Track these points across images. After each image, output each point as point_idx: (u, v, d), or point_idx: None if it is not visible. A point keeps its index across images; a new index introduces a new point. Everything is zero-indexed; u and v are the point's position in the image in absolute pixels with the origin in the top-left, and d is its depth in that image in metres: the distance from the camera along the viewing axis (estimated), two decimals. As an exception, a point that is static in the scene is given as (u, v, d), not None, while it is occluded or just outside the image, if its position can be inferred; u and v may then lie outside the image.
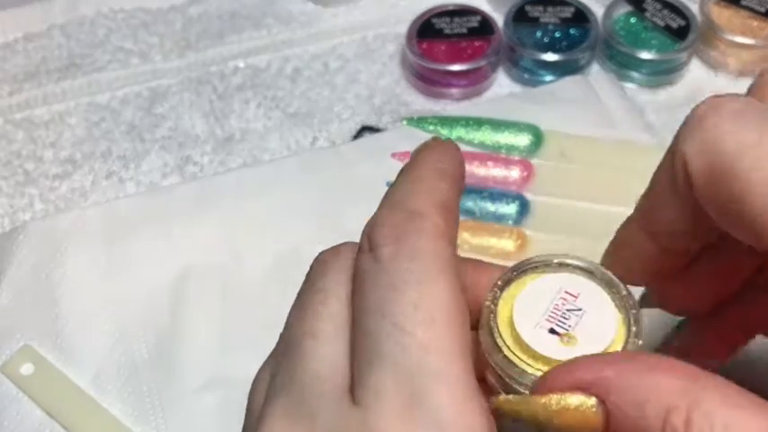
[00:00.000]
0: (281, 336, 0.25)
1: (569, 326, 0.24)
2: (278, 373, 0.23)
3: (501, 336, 0.24)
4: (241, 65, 0.55)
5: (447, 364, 0.21)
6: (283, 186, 0.46)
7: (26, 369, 0.40)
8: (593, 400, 0.20)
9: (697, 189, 0.22)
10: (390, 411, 0.20)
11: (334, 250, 0.25)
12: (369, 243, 0.23)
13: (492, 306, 0.24)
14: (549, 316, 0.24)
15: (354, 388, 0.21)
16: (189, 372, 0.40)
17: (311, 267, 0.25)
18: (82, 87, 0.54)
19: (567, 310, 0.24)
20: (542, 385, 0.22)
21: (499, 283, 0.25)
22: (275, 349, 0.25)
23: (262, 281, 0.43)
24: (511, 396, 0.22)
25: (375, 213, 0.24)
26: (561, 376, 0.21)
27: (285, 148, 0.51)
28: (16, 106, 0.54)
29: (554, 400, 0.21)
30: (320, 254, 0.25)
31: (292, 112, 0.53)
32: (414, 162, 0.26)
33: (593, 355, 0.22)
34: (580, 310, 0.24)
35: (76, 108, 0.53)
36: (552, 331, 0.24)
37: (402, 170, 0.26)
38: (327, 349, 0.22)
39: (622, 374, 0.20)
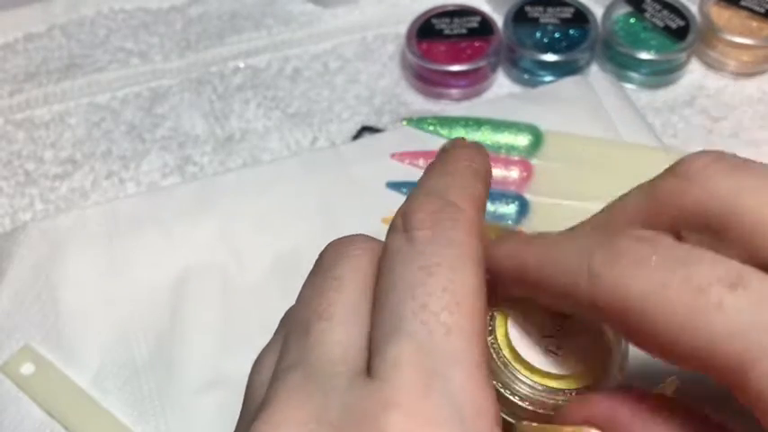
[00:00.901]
0: (290, 320, 0.25)
1: (562, 343, 0.25)
2: (287, 352, 0.23)
3: (502, 353, 0.24)
4: (241, 65, 0.56)
5: (467, 348, 0.21)
6: (283, 186, 0.46)
7: (26, 369, 0.40)
8: None
9: (607, 321, 0.22)
10: (408, 385, 0.20)
11: (349, 239, 0.26)
12: (404, 224, 0.24)
13: (489, 326, 0.25)
14: (544, 334, 0.25)
15: (371, 360, 0.22)
16: (189, 372, 0.40)
17: (323, 255, 0.26)
18: (82, 88, 0.54)
19: (559, 329, 0.25)
20: (560, 417, 0.23)
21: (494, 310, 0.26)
22: (278, 334, 0.25)
23: (262, 281, 0.43)
24: (534, 424, 0.23)
25: (410, 198, 0.25)
26: (577, 411, 0.22)
27: (285, 148, 0.51)
28: (17, 106, 0.54)
29: (571, 430, 0.22)
30: (332, 242, 0.26)
31: (292, 113, 0.53)
32: (447, 157, 0.27)
33: (606, 393, 0.23)
34: (570, 330, 0.25)
35: (77, 108, 0.54)
36: (547, 349, 0.24)
37: (434, 164, 0.27)
38: (342, 333, 0.23)
39: (633, 418, 0.21)
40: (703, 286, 0.19)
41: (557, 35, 0.54)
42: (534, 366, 0.24)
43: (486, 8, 0.56)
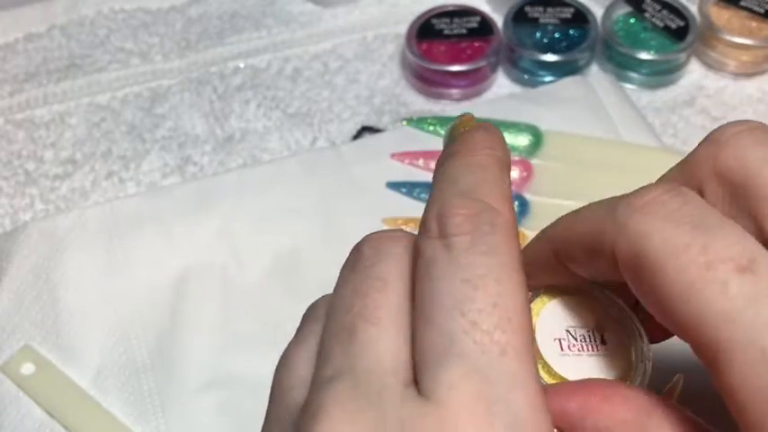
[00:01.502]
0: (328, 319, 0.23)
1: (585, 348, 0.24)
2: (331, 357, 0.22)
3: None
4: (241, 65, 0.56)
5: (523, 368, 0.20)
6: (283, 186, 0.46)
7: (26, 369, 0.40)
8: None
9: (622, 271, 0.21)
10: (466, 409, 0.20)
11: (389, 235, 0.24)
12: (439, 229, 0.22)
13: None
14: (569, 337, 0.24)
15: (421, 378, 0.21)
16: (189, 372, 0.40)
17: (362, 250, 0.24)
18: (82, 88, 0.54)
19: (586, 333, 0.24)
20: None
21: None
22: (307, 330, 0.24)
23: (261, 280, 0.43)
24: None
25: (440, 197, 0.23)
26: None
27: (285, 148, 0.51)
28: (17, 106, 0.54)
29: None
30: (370, 236, 0.24)
31: (292, 113, 0.53)
32: (467, 146, 0.25)
33: (556, 386, 0.22)
34: (596, 334, 0.25)
35: (77, 108, 0.54)
36: (569, 352, 0.24)
37: (454, 153, 0.25)
38: (390, 340, 0.22)
39: (581, 407, 0.21)
40: (715, 261, 0.19)
41: (557, 35, 0.54)
42: (550, 366, 0.24)
43: (485, 8, 0.56)
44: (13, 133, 0.53)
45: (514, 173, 0.47)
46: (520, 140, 0.48)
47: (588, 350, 0.24)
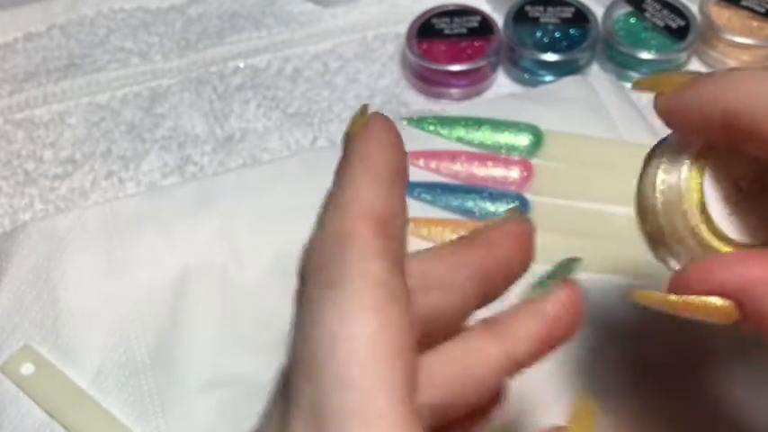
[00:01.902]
0: None
1: (753, 201, 0.23)
2: None
3: (692, 212, 0.23)
4: (241, 65, 0.55)
5: (362, 401, 0.19)
6: (283, 186, 0.46)
7: (26, 369, 0.40)
8: (731, 303, 0.20)
9: None
10: None
11: None
12: (300, 276, 0.22)
13: (684, 181, 0.24)
14: (736, 193, 0.23)
15: None
16: (189, 372, 0.40)
17: None
18: (82, 87, 0.54)
19: (751, 184, 0.23)
20: (684, 286, 0.21)
21: (687, 157, 0.24)
22: None
23: (261, 281, 0.43)
24: (651, 292, 0.22)
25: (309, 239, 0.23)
26: (703, 280, 0.21)
27: (285, 148, 0.51)
28: (16, 106, 0.54)
29: (695, 300, 0.21)
30: None
31: (292, 112, 0.53)
32: (340, 163, 0.24)
33: (734, 257, 0.21)
34: (757, 183, 0.23)
35: (76, 108, 0.54)
36: (737, 209, 0.23)
37: (334, 174, 0.24)
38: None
39: (765, 283, 0.20)
40: None
41: (557, 35, 0.54)
42: (721, 231, 0.23)
43: (486, 8, 0.56)
44: (13, 133, 0.52)
45: (515, 173, 0.47)
46: (520, 140, 0.48)
47: (756, 201, 0.23)
